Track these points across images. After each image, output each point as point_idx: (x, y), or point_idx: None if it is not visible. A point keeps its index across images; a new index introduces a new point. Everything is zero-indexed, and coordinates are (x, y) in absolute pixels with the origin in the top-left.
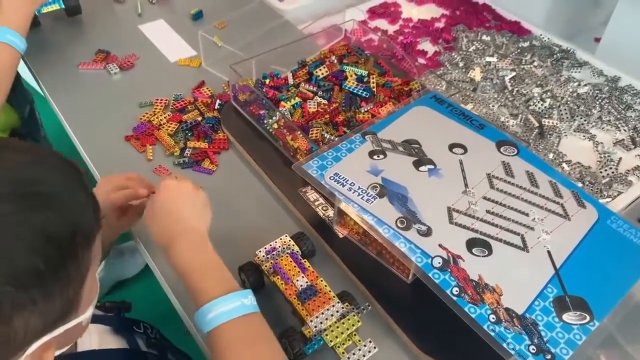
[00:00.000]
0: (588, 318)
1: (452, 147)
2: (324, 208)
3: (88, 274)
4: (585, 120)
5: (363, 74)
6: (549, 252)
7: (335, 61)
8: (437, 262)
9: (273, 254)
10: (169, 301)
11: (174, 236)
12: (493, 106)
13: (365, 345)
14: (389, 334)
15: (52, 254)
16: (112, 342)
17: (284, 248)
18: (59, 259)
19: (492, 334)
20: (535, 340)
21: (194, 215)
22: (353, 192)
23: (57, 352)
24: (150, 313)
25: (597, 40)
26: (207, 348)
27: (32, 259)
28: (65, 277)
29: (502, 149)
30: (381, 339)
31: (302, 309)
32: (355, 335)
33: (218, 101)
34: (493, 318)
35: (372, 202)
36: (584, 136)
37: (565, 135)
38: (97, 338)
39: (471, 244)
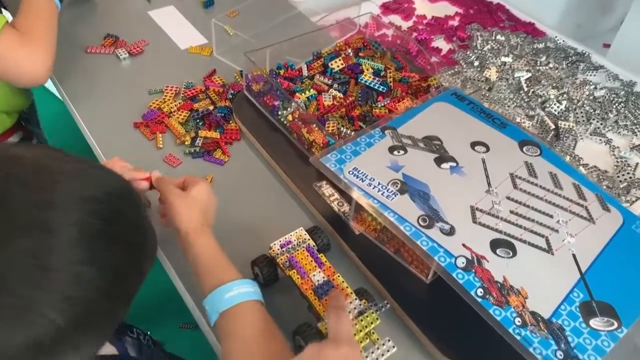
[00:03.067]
0: (616, 324)
1: (474, 145)
2: (340, 204)
3: None
4: (601, 124)
5: (380, 68)
6: (574, 255)
7: (351, 54)
8: (461, 262)
9: (288, 248)
10: (157, 300)
11: (202, 225)
12: (509, 106)
13: (384, 344)
14: (407, 334)
15: (117, 295)
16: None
17: (299, 242)
18: (124, 301)
19: (518, 337)
20: (562, 346)
21: (212, 218)
22: (373, 188)
23: None
24: (138, 313)
25: (606, 46)
26: (218, 329)
27: (104, 303)
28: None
29: (524, 149)
30: (400, 339)
31: (319, 305)
32: (373, 333)
33: (230, 90)
34: (519, 321)
35: (393, 198)
36: (600, 140)
37: (582, 139)
38: None
39: (495, 245)
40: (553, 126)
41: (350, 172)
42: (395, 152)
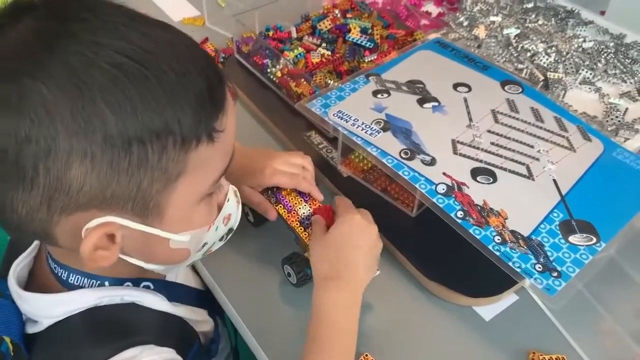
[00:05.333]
0: (594, 239)
1: (456, 86)
2: (328, 150)
3: (179, 182)
4: (590, 74)
5: (367, 27)
6: (554, 180)
7: (339, 15)
8: (442, 188)
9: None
10: None
11: (324, 278)
12: (498, 62)
13: None
14: (393, 263)
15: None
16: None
17: None
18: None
19: (498, 253)
20: (542, 260)
21: (364, 262)
22: (357, 127)
23: (141, 264)
24: None
25: (602, 13)
26: None
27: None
28: (142, 156)
29: (506, 88)
30: (384, 267)
31: (305, 234)
32: None
33: (222, 54)
34: (498, 239)
35: (376, 135)
36: (589, 89)
37: (571, 88)
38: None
39: (476, 173)
40: (542, 77)
41: (335, 115)
42: (379, 95)
